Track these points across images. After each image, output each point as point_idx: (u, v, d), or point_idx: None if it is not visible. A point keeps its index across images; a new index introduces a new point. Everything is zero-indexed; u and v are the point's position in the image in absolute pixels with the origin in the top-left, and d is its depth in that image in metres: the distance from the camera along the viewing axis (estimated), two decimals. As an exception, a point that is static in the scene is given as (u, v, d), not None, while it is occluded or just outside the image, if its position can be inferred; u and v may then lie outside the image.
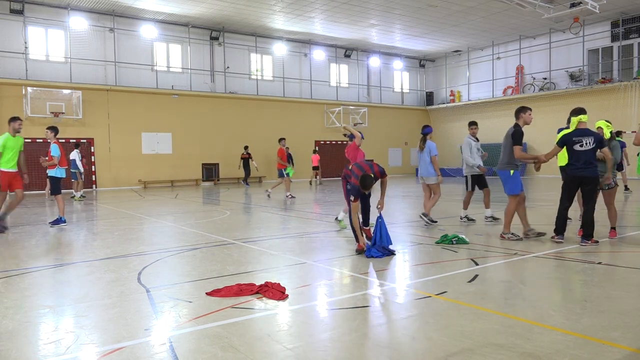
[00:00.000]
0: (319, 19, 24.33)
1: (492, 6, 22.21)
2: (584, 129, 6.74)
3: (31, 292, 4.94)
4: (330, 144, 29.60)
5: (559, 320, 3.75)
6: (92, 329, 3.77)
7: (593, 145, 6.66)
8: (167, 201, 15.68)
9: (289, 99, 28.18)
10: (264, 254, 6.71)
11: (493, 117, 29.63)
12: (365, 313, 4.11)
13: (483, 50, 30.78)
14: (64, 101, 21.43)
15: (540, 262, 5.86)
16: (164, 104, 24.09)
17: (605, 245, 6.83)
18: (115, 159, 22.96)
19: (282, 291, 4.58)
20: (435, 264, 5.83)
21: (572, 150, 6.74)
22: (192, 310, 4.20)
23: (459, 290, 4.66)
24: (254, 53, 27.24)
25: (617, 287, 4.74)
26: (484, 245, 6.91)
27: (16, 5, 20.72)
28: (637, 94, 23.33)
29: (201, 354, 3.23)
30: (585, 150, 6.66)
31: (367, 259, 6.14)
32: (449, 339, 3.41)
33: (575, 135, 6.73)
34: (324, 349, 3.34)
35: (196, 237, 8.25)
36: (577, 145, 6.70)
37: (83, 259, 6.52)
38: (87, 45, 22.46)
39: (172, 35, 24.75)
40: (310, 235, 8.28)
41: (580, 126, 6.77)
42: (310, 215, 11.42)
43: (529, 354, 3.11)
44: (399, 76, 33.76)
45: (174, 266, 6.13)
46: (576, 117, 6.82)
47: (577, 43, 25.68)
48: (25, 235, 8.82)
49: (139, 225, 10.05)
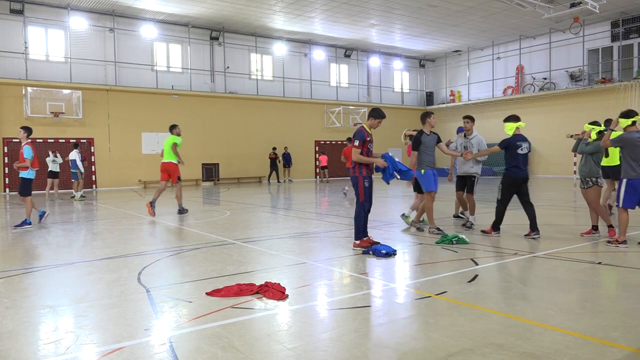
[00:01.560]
0: (319, 19, 24.33)
1: (492, 6, 22.21)
2: (522, 134, 7.55)
3: (31, 292, 4.95)
4: (330, 143, 29.60)
5: (559, 320, 3.75)
6: (92, 329, 3.77)
7: (529, 149, 7.55)
8: (167, 201, 15.68)
9: (289, 99, 28.18)
10: (264, 254, 6.71)
11: (493, 117, 29.59)
12: (365, 313, 4.11)
13: (483, 50, 30.77)
14: (64, 101, 21.42)
15: (540, 262, 5.86)
16: (164, 104, 24.09)
17: (605, 245, 6.83)
18: (115, 159, 22.95)
19: (282, 291, 4.58)
20: (435, 264, 5.83)
21: (516, 153, 7.44)
22: (192, 310, 4.20)
23: (459, 290, 4.66)
24: (254, 53, 27.24)
25: (617, 287, 4.74)
26: (484, 245, 6.91)
27: (16, 5, 20.71)
28: (637, 94, 23.32)
29: (201, 354, 3.23)
30: (525, 154, 7.51)
31: (367, 259, 6.14)
32: (449, 339, 3.41)
33: (518, 140, 7.48)
34: (324, 349, 3.34)
35: (196, 237, 8.25)
36: (519, 149, 7.45)
37: (83, 259, 6.52)
38: (87, 45, 22.46)
39: (172, 35, 24.75)
40: (310, 235, 8.28)
41: (517, 132, 7.52)
42: (310, 215, 11.41)
43: (529, 354, 3.11)
44: (399, 76, 33.76)
45: (174, 266, 6.13)
46: (515, 123, 7.51)
47: (577, 43, 25.68)
48: (25, 235, 8.82)
49: (139, 225, 10.05)
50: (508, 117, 7.64)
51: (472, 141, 8.86)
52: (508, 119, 7.62)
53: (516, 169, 7.45)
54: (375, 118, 6.90)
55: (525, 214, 7.47)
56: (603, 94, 24.38)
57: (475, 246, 6.83)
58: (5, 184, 20.61)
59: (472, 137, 8.92)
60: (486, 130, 30.36)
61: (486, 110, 30.05)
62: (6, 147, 20.63)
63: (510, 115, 7.69)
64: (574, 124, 24.96)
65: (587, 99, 25.06)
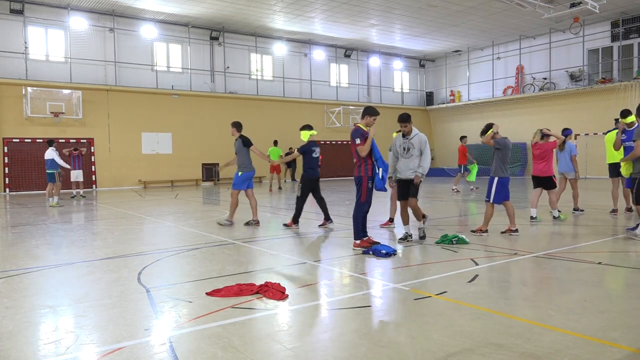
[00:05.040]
0: (319, 19, 24.33)
1: (492, 6, 22.20)
2: (314, 141, 9.00)
3: (31, 292, 4.94)
4: (330, 144, 29.60)
5: (559, 320, 3.75)
6: (92, 329, 3.77)
7: (319, 154, 9.05)
8: (167, 201, 15.68)
9: (289, 99, 28.17)
10: (264, 254, 6.71)
11: (493, 117, 29.58)
12: (365, 313, 4.11)
13: (483, 50, 30.77)
14: (64, 101, 21.40)
15: (540, 262, 5.86)
16: (164, 104, 24.08)
17: (606, 245, 6.84)
18: (115, 159, 22.94)
19: (282, 291, 4.58)
20: (435, 264, 5.83)
21: (311, 157, 8.89)
22: (192, 310, 4.20)
23: (459, 290, 4.66)
24: (254, 53, 27.24)
25: (617, 287, 4.74)
26: (484, 245, 6.91)
27: (16, 5, 20.70)
28: (637, 94, 23.31)
29: (201, 354, 3.23)
30: (317, 157, 8.97)
31: (367, 259, 6.14)
32: (449, 339, 3.41)
33: (312, 146, 8.96)
34: (324, 349, 3.34)
35: (196, 237, 8.25)
36: (313, 153, 8.91)
37: (83, 259, 6.52)
38: (87, 45, 22.44)
39: (172, 35, 24.75)
40: (310, 235, 8.28)
41: (312, 139, 8.95)
42: (310, 215, 11.41)
43: (529, 354, 3.11)
44: (399, 76, 33.75)
45: (174, 266, 6.13)
46: (309, 131, 8.91)
47: (577, 43, 25.67)
48: (25, 235, 8.82)
49: (139, 225, 10.05)
50: (303, 126, 9.03)
51: (413, 141, 7.39)
52: (303, 127, 9.01)
53: (312, 170, 8.90)
54: (370, 115, 6.89)
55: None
56: (603, 94, 24.37)
57: (475, 246, 6.83)
58: (5, 184, 20.61)
59: (412, 137, 7.41)
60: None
61: (486, 111, 30.06)
62: (6, 147, 20.62)
63: (304, 124, 9.08)
64: (574, 124, 24.97)
65: (587, 99, 25.04)
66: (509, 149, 7.81)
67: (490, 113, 29.52)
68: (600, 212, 10.56)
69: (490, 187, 7.80)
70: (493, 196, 7.75)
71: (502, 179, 7.74)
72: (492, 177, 7.84)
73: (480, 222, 8.47)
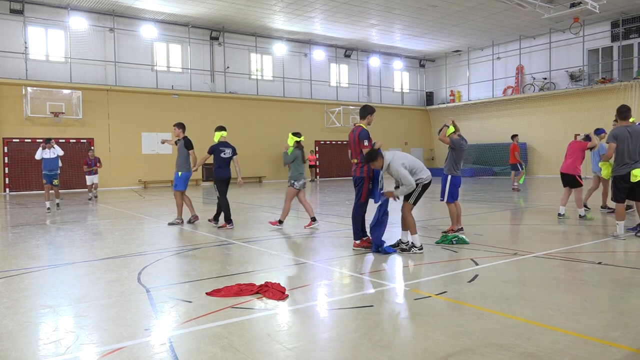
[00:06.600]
0: (319, 19, 24.33)
1: (492, 6, 22.21)
2: (226, 142, 9.41)
3: (31, 292, 4.94)
4: (330, 144, 29.60)
5: (559, 320, 3.75)
6: (92, 329, 3.77)
7: (230, 154, 9.40)
8: (167, 201, 15.67)
9: (289, 99, 28.17)
10: (264, 254, 6.71)
11: (493, 117, 29.64)
12: (365, 313, 4.11)
13: (483, 50, 30.77)
14: (64, 101, 21.40)
15: (540, 262, 5.86)
16: (164, 104, 24.08)
17: (606, 245, 6.84)
18: (115, 159, 22.94)
19: (282, 291, 4.57)
20: (435, 264, 5.83)
21: (220, 157, 9.27)
22: (192, 310, 4.20)
23: (459, 290, 4.66)
24: (254, 53, 27.24)
25: (617, 287, 4.74)
26: (484, 245, 6.91)
27: (16, 5, 20.71)
28: (637, 94, 23.31)
29: (201, 354, 3.23)
30: (226, 157, 9.36)
31: (367, 259, 6.14)
32: (449, 339, 3.41)
33: (222, 146, 9.32)
34: (324, 349, 3.34)
35: (196, 237, 8.24)
36: (222, 154, 9.29)
37: (83, 259, 6.52)
38: (87, 45, 22.45)
39: (172, 35, 24.75)
40: (310, 235, 8.28)
41: (222, 139, 9.37)
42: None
43: (529, 354, 3.11)
44: (399, 76, 33.75)
45: (174, 266, 6.13)
46: (220, 132, 9.39)
47: (577, 43, 25.67)
48: (25, 235, 8.82)
49: (139, 225, 10.05)
50: (217, 128, 9.46)
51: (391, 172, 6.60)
52: (216, 129, 9.44)
53: (221, 169, 9.31)
54: (372, 114, 6.86)
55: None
56: (603, 94, 24.37)
57: (475, 246, 6.83)
58: (5, 184, 20.61)
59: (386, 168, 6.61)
60: (487, 130, 30.51)
61: (486, 111, 30.06)
62: (6, 147, 20.62)
63: (218, 126, 9.55)
64: (574, 124, 25.01)
65: (587, 99, 25.04)
66: (462, 150, 7.83)
67: (490, 113, 29.53)
68: (602, 212, 10.57)
69: (444, 186, 7.79)
70: (447, 196, 7.75)
71: (454, 177, 7.77)
72: (445, 175, 7.82)
73: (480, 222, 8.49)
